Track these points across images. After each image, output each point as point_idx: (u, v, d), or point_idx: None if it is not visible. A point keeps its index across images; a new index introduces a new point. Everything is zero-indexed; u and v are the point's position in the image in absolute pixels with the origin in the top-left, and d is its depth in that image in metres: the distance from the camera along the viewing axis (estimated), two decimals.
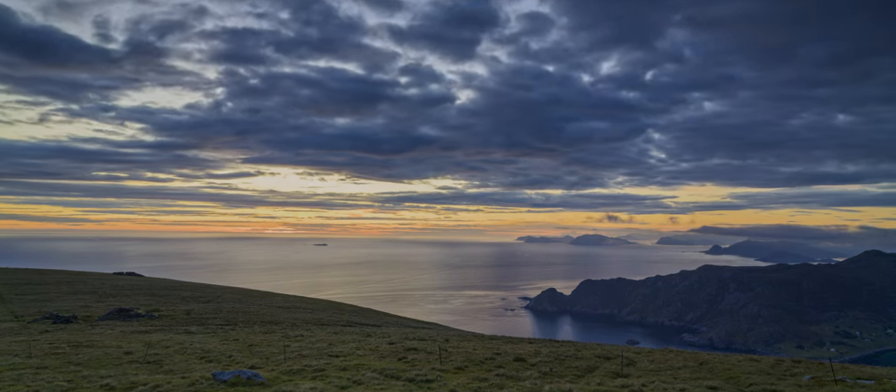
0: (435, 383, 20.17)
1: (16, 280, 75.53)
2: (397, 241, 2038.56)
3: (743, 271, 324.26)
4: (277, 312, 54.82)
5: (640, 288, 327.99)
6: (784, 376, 22.91)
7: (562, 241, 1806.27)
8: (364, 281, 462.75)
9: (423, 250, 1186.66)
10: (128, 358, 25.29)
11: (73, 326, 38.41)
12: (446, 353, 28.03)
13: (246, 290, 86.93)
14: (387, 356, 26.99)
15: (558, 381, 21.11)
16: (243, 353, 27.74)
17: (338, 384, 19.61)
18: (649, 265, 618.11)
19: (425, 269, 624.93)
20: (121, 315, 43.89)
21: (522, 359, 26.52)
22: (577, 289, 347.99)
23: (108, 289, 68.36)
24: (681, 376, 22.75)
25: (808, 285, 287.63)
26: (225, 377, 19.71)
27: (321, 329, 40.60)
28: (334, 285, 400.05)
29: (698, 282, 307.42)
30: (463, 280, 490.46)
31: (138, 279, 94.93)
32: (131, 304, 52.94)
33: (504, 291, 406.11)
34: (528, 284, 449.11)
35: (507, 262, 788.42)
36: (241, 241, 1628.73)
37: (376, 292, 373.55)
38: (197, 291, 73.19)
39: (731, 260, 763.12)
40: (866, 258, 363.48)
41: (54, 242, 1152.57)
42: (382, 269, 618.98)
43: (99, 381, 19.97)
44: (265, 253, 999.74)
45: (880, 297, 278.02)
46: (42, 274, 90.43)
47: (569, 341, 38.72)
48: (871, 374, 22.98)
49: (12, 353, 26.12)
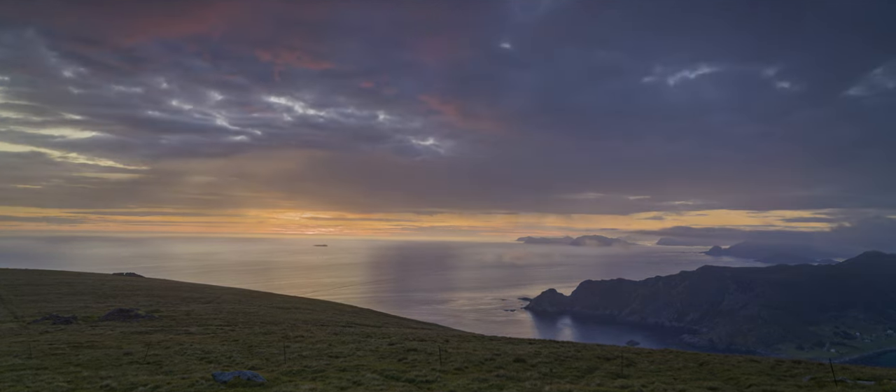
0: (435, 384, 20.18)
1: (16, 281, 75.52)
2: (397, 241, 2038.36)
3: (743, 272, 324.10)
4: (277, 313, 54.81)
5: (640, 288, 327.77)
6: (784, 377, 22.93)
7: (562, 242, 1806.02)
8: (364, 281, 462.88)
9: (422, 250, 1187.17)
10: (128, 359, 25.29)
11: (72, 327, 38.40)
12: (446, 353, 28.04)
13: (246, 291, 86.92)
14: (387, 357, 27.00)
15: (558, 381, 21.12)
16: (243, 353, 27.75)
17: (338, 385, 19.62)
18: (649, 265, 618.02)
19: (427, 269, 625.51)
20: (121, 316, 43.87)
21: (522, 360, 26.53)
22: (577, 289, 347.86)
23: (108, 289, 68.35)
24: (681, 377, 22.76)
25: (808, 286, 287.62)
26: (225, 378, 19.72)
27: (321, 330, 40.59)
28: (334, 286, 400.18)
29: (698, 282, 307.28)
30: (463, 280, 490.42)
31: (138, 280, 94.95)
32: (131, 304, 52.90)
33: (504, 292, 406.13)
34: (528, 285, 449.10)
35: (506, 262, 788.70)
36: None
37: (376, 292, 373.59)
38: (196, 292, 73.21)
39: (730, 260, 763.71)
40: (866, 259, 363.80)
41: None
42: (384, 269, 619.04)
43: (99, 382, 19.98)
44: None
45: (880, 298, 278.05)
46: (42, 274, 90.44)
47: (569, 342, 38.74)
48: (871, 374, 22.99)
49: (12, 353, 26.12)
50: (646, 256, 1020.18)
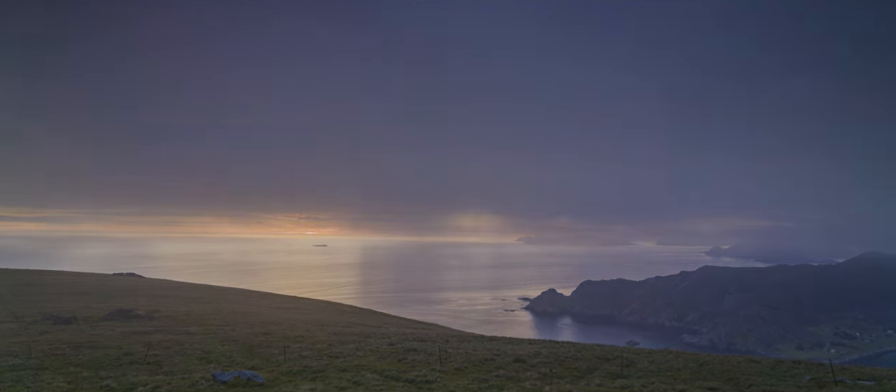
0: (435, 384, 20.19)
1: (16, 281, 75.53)
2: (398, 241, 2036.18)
3: (743, 272, 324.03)
4: (277, 313, 54.86)
5: (640, 289, 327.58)
6: (784, 377, 22.96)
7: (562, 242, 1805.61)
8: (365, 281, 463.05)
9: (422, 250, 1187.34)
10: (128, 359, 25.30)
11: (73, 327, 38.40)
12: (446, 354, 28.06)
13: (245, 291, 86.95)
14: (386, 357, 27.02)
15: (558, 382, 21.13)
16: (243, 353, 27.77)
17: (337, 385, 19.63)
18: (649, 266, 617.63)
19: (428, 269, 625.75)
20: (121, 316, 43.89)
21: (522, 360, 26.55)
22: (577, 289, 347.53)
23: (108, 290, 68.37)
24: (681, 377, 22.78)
25: (808, 286, 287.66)
26: (225, 378, 19.73)
27: (321, 330, 40.60)
28: (334, 286, 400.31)
29: (698, 282, 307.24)
30: (463, 280, 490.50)
31: (138, 280, 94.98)
32: (131, 304, 52.88)
33: (504, 292, 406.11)
34: (528, 285, 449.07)
35: (507, 262, 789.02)
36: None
37: (375, 292, 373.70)
38: (196, 292, 73.22)
39: (731, 260, 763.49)
40: (866, 259, 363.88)
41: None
42: (387, 268, 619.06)
43: (99, 382, 20.00)
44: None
45: (880, 298, 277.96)
46: (42, 275, 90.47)
47: (569, 342, 38.78)
48: (871, 375, 23.03)
49: (12, 354, 26.13)
50: (646, 256, 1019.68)
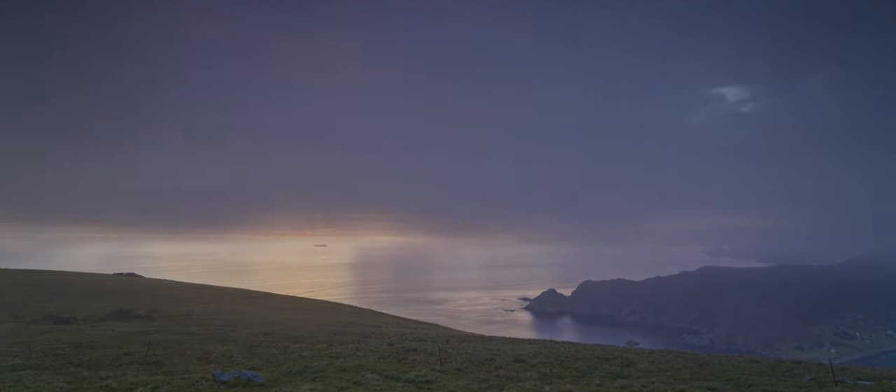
0: (435, 384, 20.18)
1: (16, 281, 75.52)
2: None
3: (743, 272, 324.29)
4: (277, 313, 54.87)
5: (640, 288, 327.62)
6: (784, 377, 22.96)
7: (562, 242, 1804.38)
8: (365, 280, 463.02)
9: (421, 251, 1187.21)
10: (128, 359, 25.30)
11: (73, 327, 38.41)
12: (446, 354, 28.05)
13: (245, 291, 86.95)
14: (386, 357, 27.01)
15: (558, 382, 21.12)
16: (243, 354, 27.76)
17: (337, 385, 19.62)
18: (649, 265, 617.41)
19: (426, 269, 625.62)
20: (121, 316, 43.91)
21: (522, 360, 26.56)
22: (577, 289, 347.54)
23: (108, 290, 68.34)
24: (681, 377, 22.77)
25: (808, 286, 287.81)
26: (225, 378, 19.72)
27: (321, 330, 40.60)
28: (333, 286, 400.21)
29: (698, 282, 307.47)
30: (462, 280, 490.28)
31: (138, 280, 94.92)
32: (131, 304, 52.89)
33: (504, 292, 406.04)
34: (527, 285, 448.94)
35: (506, 262, 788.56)
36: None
37: (376, 292, 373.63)
38: (196, 292, 73.21)
39: (730, 260, 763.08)
40: (866, 259, 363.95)
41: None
42: (389, 268, 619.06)
43: (99, 382, 19.99)
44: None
45: (880, 298, 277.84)
46: (42, 274, 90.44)
47: (568, 342, 38.79)
48: (871, 375, 23.04)
49: (12, 354, 26.12)
50: (646, 256, 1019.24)
